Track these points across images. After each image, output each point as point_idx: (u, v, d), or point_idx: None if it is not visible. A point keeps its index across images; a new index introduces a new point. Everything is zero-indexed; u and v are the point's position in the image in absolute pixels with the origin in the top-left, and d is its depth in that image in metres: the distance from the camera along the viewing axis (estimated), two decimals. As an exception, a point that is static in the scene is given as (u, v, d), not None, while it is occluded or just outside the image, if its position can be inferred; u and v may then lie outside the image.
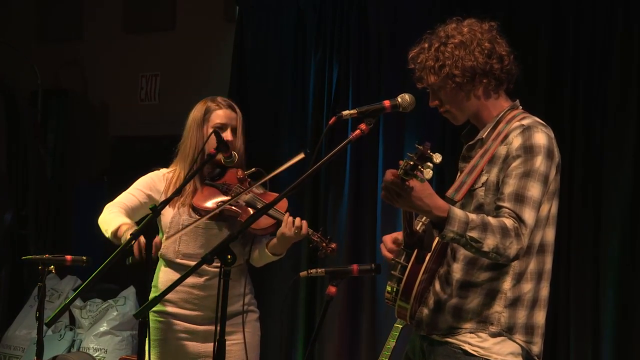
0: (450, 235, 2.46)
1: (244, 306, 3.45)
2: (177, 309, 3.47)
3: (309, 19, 5.40)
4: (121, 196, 3.56)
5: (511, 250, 2.49)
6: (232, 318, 3.42)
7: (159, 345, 3.49)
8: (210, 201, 3.45)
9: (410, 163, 2.33)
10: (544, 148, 2.58)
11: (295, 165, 3.18)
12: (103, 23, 6.80)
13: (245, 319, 3.46)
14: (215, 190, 3.49)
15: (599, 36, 4.46)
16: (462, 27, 2.70)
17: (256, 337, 3.56)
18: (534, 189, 2.55)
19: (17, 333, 6.00)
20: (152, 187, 3.53)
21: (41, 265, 3.69)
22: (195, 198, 3.47)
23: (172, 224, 3.47)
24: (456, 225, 2.45)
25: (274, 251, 3.43)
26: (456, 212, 2.47)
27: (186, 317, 3.46)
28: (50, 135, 6.85)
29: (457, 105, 2.72)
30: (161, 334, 3.49)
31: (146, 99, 6.57)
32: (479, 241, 2.46)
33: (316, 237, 3.31)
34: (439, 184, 4.69)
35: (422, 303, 2.69)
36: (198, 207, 3.46)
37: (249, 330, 3.49)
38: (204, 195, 3.47)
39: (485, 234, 2.46)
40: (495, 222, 2.49)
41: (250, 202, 3.43)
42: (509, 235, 2.48)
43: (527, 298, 2.64)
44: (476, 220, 2.47)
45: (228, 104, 3.58)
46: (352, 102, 5.17)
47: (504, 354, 2.63)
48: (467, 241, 2.47)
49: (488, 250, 2.47)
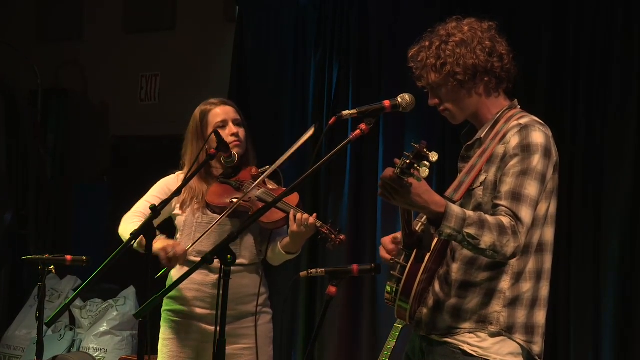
0: (447, 231, 2.46)
1: (249, 307, 3.45)
2: (191, 308, 3.47)
3: (309, 19, 5.40)
4: (137, 205, 3.55)
5: (508, 248, 2.49)
6: (244, 318, 3.43)
7: (170, 344, 3.50)
8: (224, 198, 3.46)
9: (407, 162, 2.33)
10: (541, 147, 2.58)
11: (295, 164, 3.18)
12: (103, 23, 6.80)
13: (258, 320, 3.45)
14: (229, 187, 3.50)
15: (599, 36, 4.46)
16: (463, 25, 2.70)
17: (268, 341, 3.55)
18: (531, 188, 2.55)
19: (17, 333, 6.00)
20: (167, 191, 3.52)
21: (41, 265, 3.69)
22: (208, 195, 3.49)
23: (187, 223, 3.49)
24: (453, 221, 2.45)
25: (287, 249, 3.42)
26: (453, 208, 2.47)
27: (200, 316, 3.46)
28: (50, 135, 6.86)
29: (457, 104, 2.72)
30: (174, 333, 3.49)
31: (146, 99, 6.57)
32: (476, 238, 2.46)
33: (325, 229, 3.30)
34: (440, 184, 4.70)
35: (422, 303, 2.69)
36: (212, 204, 3.47)
37: (261, 334, 3.46)
38: (218, 193, 3.49)
39: (482, 231, 2.46)
40: (493, 219, 2.49)
41: (261, 197, 3.42)
42: (505, 233, 2.48)
43: (527, 297, 2.63)
44: (473, 217, 2.47)
45: (221, 100, 3.59)
46: (352, 102, 5.17)
47: (503, 354, 2.62)
48: (464, 237, 2.46)
49: (485, 247, 2.47)
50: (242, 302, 3.42)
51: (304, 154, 5.17)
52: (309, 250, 5.04)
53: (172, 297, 3.50)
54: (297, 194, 3.40)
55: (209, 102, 3.59)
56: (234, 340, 3.39)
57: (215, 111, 3.53)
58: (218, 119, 3.52)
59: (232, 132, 3.49)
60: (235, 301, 3.37)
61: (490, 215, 2.51)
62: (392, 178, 2.38)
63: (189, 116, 3.62)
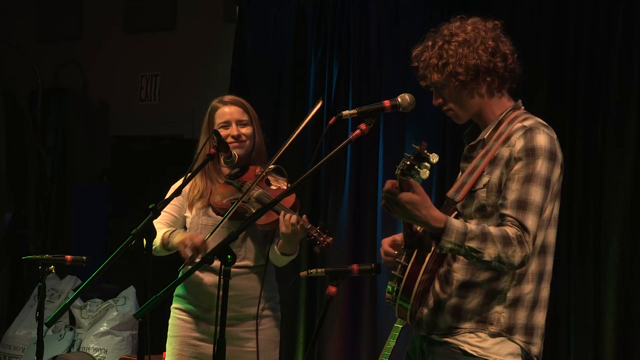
0: (448, 245, 2.47)
1: (260, 310, 3.43)
2: (197, 308, 3.48)
3: (309, 19, 5.40)
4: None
5: (515, 258, 2.49)
6: (249, 321, 3.42)
7: (175, 341, 3.51)
8: (226, 199, 3.46)
9: (407, 163, 2.33)
10: (545, 150, 2.58)
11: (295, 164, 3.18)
12: (103, 23, 6.81)
13: (263, 324, 3.45)
14: (232, 188, 3.50)
15: (600, 36, 4.46)
16: (466, 25, 2.70)
17: (274, 345, 3.54)
18: (535, 194, 2.54)
19: (17, 333, 6.00)
20: (183, 194, 3.53)
21: (41, 265, 3.68)
22: (212, 196, 3.49)
23: (192, 225, 3.50)
24: (453, 236, 2.45)
25: (282, 251, 3.41)
26: (453, 222, 2.47)
27: (206, 317, 3.46)
28: (50, 134, 6.86)
29: (460, 104, 2.71)
30: (181, 330, 3.50)
31: (146, 99, 6.57)
32: (479, 251, 2.47)
33: (314, 232, 3.31)
34: (440, 183, 4.70)
35: (423, 303, 2.69)
36: (214, 205, 3.48)
37: (262, 338, 3.45)
38: (221, 194, 3.49)
39: (485, 244, 2.46)
40: (497, 231, 2.49)
41: (259, 198, 3.42)
42: (510, 244, 2.48)
43: (528, 299, 2.63)
44: (475, 231, 2.47)
45: (232, 100, 3.58)
46: (352, 102, 5.17)
47: (503, 354, 2.62)
48: (467, 251, 2.47)
49: (490, 259, 2.48)
50: (246, 304, 3.42)
51: (304, 154, 5.18)
52: (309, 250, 5.04)
53: (180, 295, 3.52)
54: (294, 194, 3.40)
55: (221, 99, 3.59)
56: (238, 343, 3.40)
57: (221, 111, 3.54)
58: (221, 119, 3.53)
59: (232, 133, 3.49)
60: (240, 303, 3.37)
61: (494, 226, 2.52)
62: (390, 191, 2.39)
63: (189, 116, 3.63)
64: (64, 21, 6.94)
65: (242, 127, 3.52)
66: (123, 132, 6.65)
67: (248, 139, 3.53)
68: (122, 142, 6.57)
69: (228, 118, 3.52)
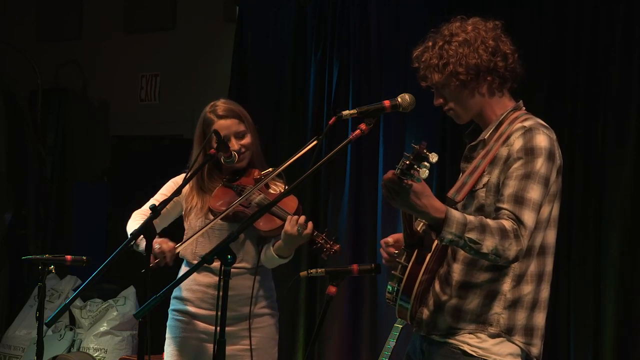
0: (448, 237, 2.45)
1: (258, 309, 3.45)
2: (195, 309, 3.48)
3: (309, 19, 5.40)
4: (148, 203, 3.54)
5: (510, 251, 2.49)
6: (244, 321, 3.42)
7: (173, 342, 3.51)
8: (225, 202, 3.45)
9: (407, 162, 2.33)
10: (545, 150, 2.58)
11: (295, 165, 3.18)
12: (103, 23, 6.81)
13: (261, 322, 3.46)
14: (231, 192, 3.49)
15: (600, 36, 4.46)
16: (467, 25, 2.70)
17: (273, 342, 3.53)
18: (534, 191, 2.54)
19: (17, 333, 6.00)
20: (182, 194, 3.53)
21: (41, 265, 3.68)
22: (211, 200, 3.48)
23: (190, 227, 3.50)
24: (454, 226, 2.44)
25: (279, 252, 3.39)
26: (454, 213, 2.46)
27: (203, 317, 3.46)
28: (50, 134, 6.86)
29: (461, 104, 2.71)
30: (179, 332, 3.50)
31: (146, 99, 6.57)
32: (478, 242, 2.46)
33: (320, 239, 3.29)
34: (440, 183, 4.70)
35: (423, 303, 2.69)
36: (213, 208, 3.46)
37: (261, 335, 3.47)
38: (220, 197, 3.48)
39: (483, 235, 2.46)
40: (494, 223, 2.49)
41: (260, 203, 3.42)
42: (507, 236, 2.48)
43: (527, 300, 2.63)
44: (474, 222, 2.46)
45: (226, 111, 3.49)
46: (352, 102, 5.17)
47: (503, 354, 2.62)
48: (465, 243, 2.46)
49: (487, 251, 2.47)
50: (244, 303, 3.42)
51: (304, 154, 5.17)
52: (309, 250, 5.03)
53: (177, 297, 3.52)
54: (297, 200, 3.39)
55: (214, 110, 3.49)
56: (236, 342, 3.40)
57: (217, 126, 3.45)
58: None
59: (233, 149, 3.45)
60: (237, 303, 3.37)
61: (492, 219, 2.51)
62: (391, 180, 2.38)
63: (189, 116, 3.62)
64: (64, 21, 6.94)
65: (241, 139, 3.49)
66: (123, 132, 6.65)
67: (248, 149, 3.51)
68: (122, 142, 6.57)
69: (226, 133, 3.45)
